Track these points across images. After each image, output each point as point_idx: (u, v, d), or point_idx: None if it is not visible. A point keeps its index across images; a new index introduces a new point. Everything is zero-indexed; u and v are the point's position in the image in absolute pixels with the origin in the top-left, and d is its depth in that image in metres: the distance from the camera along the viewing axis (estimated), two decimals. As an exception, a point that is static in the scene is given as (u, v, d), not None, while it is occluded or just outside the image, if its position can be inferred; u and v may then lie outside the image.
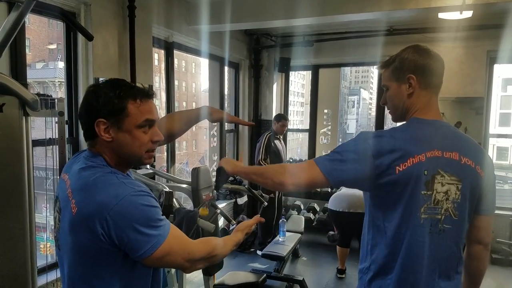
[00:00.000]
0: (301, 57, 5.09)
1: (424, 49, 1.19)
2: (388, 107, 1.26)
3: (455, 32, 3.99)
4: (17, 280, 1.60)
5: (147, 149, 1.03)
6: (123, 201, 0.92)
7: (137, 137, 1.00)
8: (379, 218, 1.17)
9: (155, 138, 1.04)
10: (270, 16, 3.90)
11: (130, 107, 0.98)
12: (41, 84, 12.45)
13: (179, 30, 3.81)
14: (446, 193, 1.13)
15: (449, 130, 1.20)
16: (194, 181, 2.58)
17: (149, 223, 0.94)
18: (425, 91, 1.18)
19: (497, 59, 4.39)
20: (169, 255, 0.98)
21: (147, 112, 1.01)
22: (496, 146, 15.67)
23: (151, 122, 1.02)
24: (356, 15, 3.69)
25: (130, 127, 0.99)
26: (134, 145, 1.01)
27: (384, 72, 1.24)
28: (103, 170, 0.99)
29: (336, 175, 1.13)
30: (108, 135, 0.99)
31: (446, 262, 1.17)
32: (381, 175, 1.10)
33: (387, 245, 1.15)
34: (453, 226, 1.15)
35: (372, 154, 1.10)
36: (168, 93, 3.93)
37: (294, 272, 3.85)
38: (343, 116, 45.38)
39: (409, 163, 1.10)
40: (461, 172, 1.14)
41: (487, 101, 4.48)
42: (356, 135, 1.20)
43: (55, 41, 13.81)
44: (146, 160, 1.06)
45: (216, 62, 4.77)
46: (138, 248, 0.93)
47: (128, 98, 0.99)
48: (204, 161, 6.72)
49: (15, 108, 1.61)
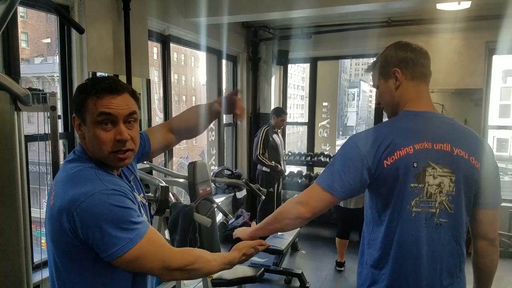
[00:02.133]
0: (300, 49, 5.06)
1: (405, 43, 1.22)
2: (382, 106, 1.28)
3: (453, 23, 3.95)
4: (11, 276, 1.59)
5: (110, 150, 0.96)
6: (91, 199, 0.88)
7: (96, 134, 0.94)
8: (375, 212, 1.17)
9: (118, 136, 0.95)
10: (268, 8, 3.86)
11: (88, 101, 0.94)
12: (40, 79, 12.40)
13: (176, 23, 3.77)
14: (439, 186, 1.11)
15: (442, 121, 1.19)
16: (190, 176, 2.57)
17: (118, 225, 0.89)
18: (412, 82, 1.19)
19: (496, 50, 4.35)
20: (140, 259, 0.93)
21: (103, 106, 0.93)
22: (496, 138, 15.65)
23: (110, 117, 0.94)
24: (354, 6, 3.66)
25: (90, 123, 0.95)
26: (95, 143, 0.96)
27: (372, 73, 1.29)
28: (85, 164, 0.97)
29: (340, 189, 1.11)
30: (81, 132, 0.98)
31: (448, 259, 1.15)
32: (375, 172, 1.11)
33: (382, 239, 1.15)
34: (449, 220, 1.13)
35: (363, 155, 1.11)
36: (164, 87, 3.91)
37: (293, 266, 3.86)
38: (343, 109, 45.30)
39: (396, 156, 1.10)
40: (454, 163, 1.12)
41: (486, 93, 4.45)
42: (345, 141, 1.20)
43: (53, 35, 13.74)
44: (114, 163, 0.99)
45: (214, 55, 4.74)
46: (104, 249, 0.90)
47: (88, 93, 0.95)
48: (204, 155, 6.71)
49: (7, 103, 1.59)
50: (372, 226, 1.19)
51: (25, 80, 5.36)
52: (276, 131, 4.40)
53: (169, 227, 2.24)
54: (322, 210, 1.15)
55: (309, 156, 5.06)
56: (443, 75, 4.32)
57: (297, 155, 5.14)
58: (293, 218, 1.16)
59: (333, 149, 5.54)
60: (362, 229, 1.26)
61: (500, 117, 20.57)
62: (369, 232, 1.20)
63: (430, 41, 4.34)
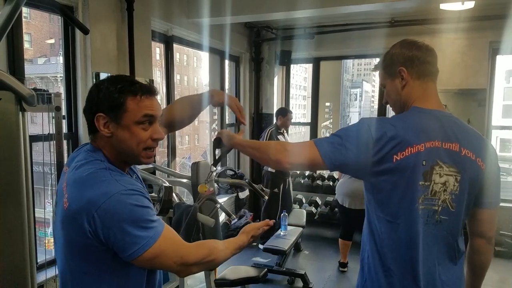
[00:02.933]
0: (302, 49, 5.05)
1: (410, 41, 1.21)
2: (390, 105, 1.28)
3: (457, 23, 3.94)
4: (16, 276, 1.60)
5: (145, 147, 1.01)
6: (111, 200, 0.90)
7: (136, 133, 0.98)
8: (377, 208, 1.16)
9: (155, 135, 1.01)
10: (271, 8, 3.86)
11: (129, 102, 0.97)
12: (43, 80, 12.45)
13: (179, 24, 3.78)
14: (444, 184, 1.12)
15: (451, 121, 1.18)
16: (194, 176, 2.57)
17: (138, 224, 0.91)
18: (419, 81, 1.19)
19: (499, 50, 4.33)
20: (159, 257, 0.94)
21: (146, 108, 0.99)
22: (500, 138, 15.58)
23: (150, 119, 1.00)
24: (357, 6, 3.65)
25: (129, 123, 0.98)
26: (132, 142, 0.99)
27: (379, 72, 1.28)
28: (98, 165, 0.98)
29: (334, 159, 1.12)
30: (108, 130, 0.98)
31: (444, 253, 1.17)
32: (379, 163, 1.10)
33: (384, 235, 1.14)
34: (449, 218, 1.15)
35: (373, 141, 1.10)
36: (168, 87, 3.91)
37: (296, 266, 3.86)
38: (345, 109, 45.21)
39: (407, 153, 1.09)
40: (461, 163, 1.13)
41: (489, 93, 4.43)
42: (358, 121, 1.20)
43: (57, 36, 13.79)
44: (143, 159, 1.03)
45: (217, 55, 4.74)
46: (125, 248, 0.91)
47: (128, 94, 0.98)
48: (206, 155, 6.73)
49: (12, 103, 1.60)
50: (372, 222, 1.18)
51: (28, 81, 5.37)
52: (282, 131, 4.37)
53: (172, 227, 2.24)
54: (303, 166, 1.18)
55: (311, 156, 5.05)
56: (447, 75, 4.30)
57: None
58: (272, 160, 1.19)
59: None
60: (363, 227, 1.25)
61: (503, 117, 20.47)
62: (370, 229, 1.19)
63: (433, 41, 4.33)
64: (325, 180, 4.87)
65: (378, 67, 1.29)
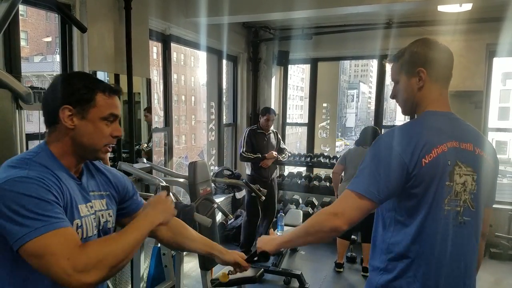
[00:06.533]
0: (300, 50, 5.06)
1: (433, 42, 1.18)
2: (397, 101, 1.24)
3: (454, 25, 3.96)
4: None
5: (106, 143, 1.04)
6: (4, 184, 0.87)
7: (100, 128, 1.02)
8: (402, 213, 1.11)
9: (115, 133, 1.05)
10: (269, 9, 3.86)
11: (98, 98, 1.01)
12: (39, 78, 12.37)
13: (177, 23, 3.77)
14: (463, 184, 1.11)
15: (462, 122, 1.20)
16: (191, 175, 2.56)
17: (22, 212, 0.85)
18: (435, 84, 1.17)
19: (496, 52, 4.37)
20: (45, 256, 0.83)
21: (113, 106, 1.04)
22: (496, 140, 15.68)
23: (114, 117, 1.04)
24: (355, 7, 3.67)
25: (95, 117, 1.01)
26: (95, 136, 1.02)
27: (394, 65, 1.22)
28: (25, 155, 0.99)
29: (377, 192, 1.05)
30: (71, 123, 0.99)
31: (470, 256, 1.15)
32: (413, 171, 1.06)
33: (410, 241, 1.09)
34: (472, 218, 1.13)
35: (400, 154, 1.06)
36: (165, 87, 3.91)
37: (292, 266, 3.86)
38: (342, 110, 45.31)
39: (434, 154, 1.07)
40: (476, 163, 1.14)
41: (486, 95, 4.47)
42: (374, 142, 1.14)
43: (53, 34, 13.71)
44: (101, 154, 1.06)
45: (214, 55, 4.74)
46: (10, 237, 0.86)
47: (97, 90, 1.01)
48: (203, 155, 6.72)
49: (8, 101, 1.59)
50: (393, 229, 1.13)
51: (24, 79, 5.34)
52: (263, 131, 4.08)
53: (169, 227, 2.24)
54: (359, 219, 1.08)
55: (308, 157, 5.06)
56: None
57: (297, 156, 5.14)
58: (327, 231, 1.09)
59: (333, 150, 5.56)
60: (374, 232, 1.19)
61: (500, 119, 20.62)
62: (389, 237, 1.13)
63: (430, 43, 4.36)
64: (322, 181, 4.88)
65: (393, 60, 1.22)
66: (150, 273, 2.96)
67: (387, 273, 1.12)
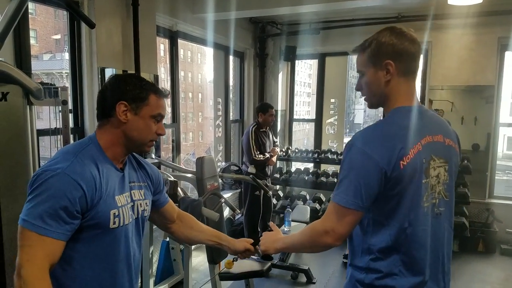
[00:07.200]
0: (307, 45, 5.02)
1: (400, 31, 1.10)
2: (363, 94, 1.17)
3: (465, 18, 3.90)
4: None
5: (151, 139, 1.17)
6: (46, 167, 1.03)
7: (148, 125, 1.14)
8: (380, 213, 1.08)
9: (159, 131, 1.18)
10: (276, 3, 3.84)
11: (151, 98, 1.14)
12: (48, 76, 12.50)
13: (184, 19, 3.78)
14: (437, 177, 1.12)
15: (430, 114, 1.20)
16: (198, 171, 2.58)
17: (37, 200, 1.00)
18: (404, 78, 1.11)
19: (508, 46, 4.28)
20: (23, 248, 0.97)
21: (162, 107, 1.17)
22: (507, 136, 15.42)
23: (161, 117, 1.17)
24: (364, 1, 3.63)
25: (146, 115, 1.13)
26: (144, 131, 1.14)
27: (360, 56, 1.15)
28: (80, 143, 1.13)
29: (360, 202, 1.03)
30: (125, 117, 1.11)
31: (447, 246, 1.18)
32: (391, 174, 1.03)
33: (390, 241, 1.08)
34: (446, 208, 1.15)
35: (376, 159, 1.03)
36: (172, 83, 3.92)
37: (299, 262, 3.86)
38: (351, 106, 44.95)
39: (411, 155, 1.05)
40: (447, 153, 1.15)
41: (498, 90, 4.38)
42: (349, 147, 1.08)
43: (62, 32, 13.85)
44: (146, 148, 1.19)
45: (221, 51, 4.74)
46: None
47: (151, 91, 1.14)
48: (210, 151, 6.73)
49: (19, 97, 1.61)
50: (371, 230, 1.10)
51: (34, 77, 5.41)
52: (265, 130, 4.00)
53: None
54: (350, 231, 1.09)
55: (316, 153, 5.04)
56: (454, 71, 4.26)
57: (304, 152, 5.12)
58: (322, 248, 1.15)
59: (341, 146, 5.52)
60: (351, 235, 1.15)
61: (511, 115, 20.24)
62: (368, 237, 1.11)
63: (440, 36, 4.29)
64: (330, 177, 4.87)
65: (359, 50, 1.15)
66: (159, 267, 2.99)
67: (371, 272, 1.11)
